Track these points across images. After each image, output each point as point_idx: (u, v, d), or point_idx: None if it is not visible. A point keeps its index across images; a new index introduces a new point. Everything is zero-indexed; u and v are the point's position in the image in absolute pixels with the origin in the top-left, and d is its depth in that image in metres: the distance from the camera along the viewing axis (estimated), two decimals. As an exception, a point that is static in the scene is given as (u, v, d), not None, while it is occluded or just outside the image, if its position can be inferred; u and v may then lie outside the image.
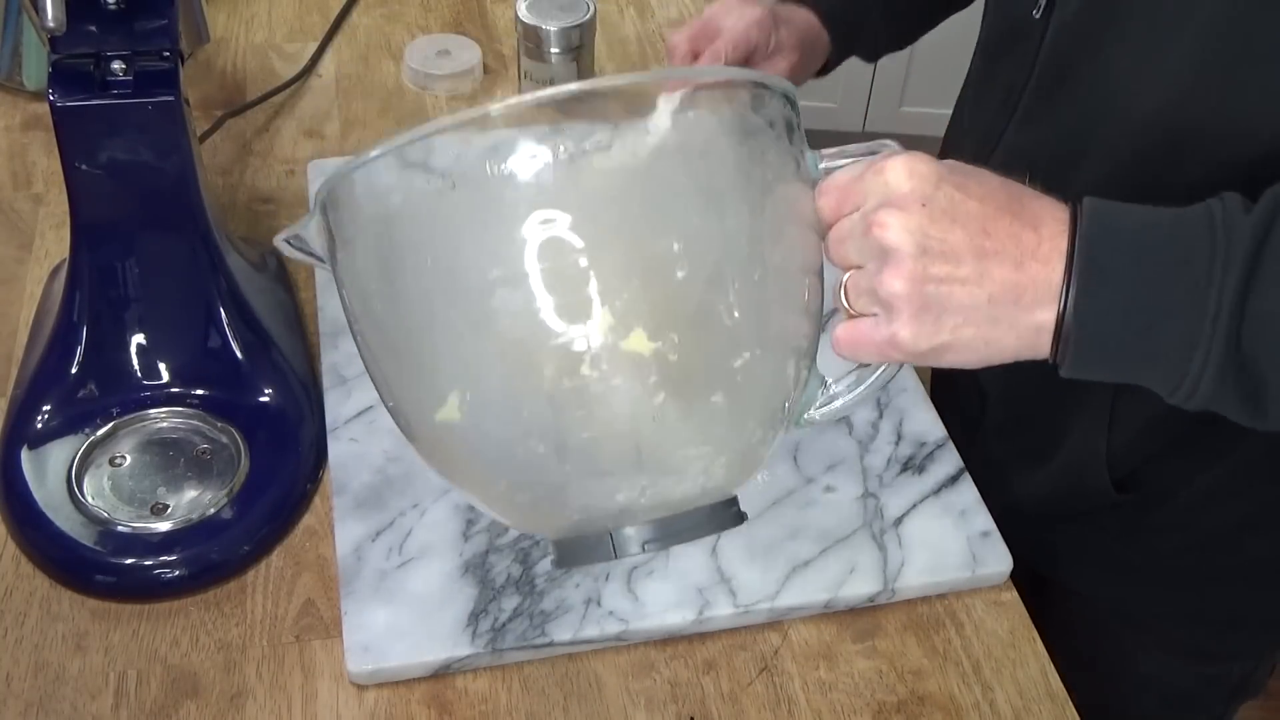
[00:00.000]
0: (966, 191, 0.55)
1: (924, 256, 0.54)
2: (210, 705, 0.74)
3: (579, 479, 0.56)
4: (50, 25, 0.72)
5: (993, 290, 0.55)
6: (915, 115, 2.42)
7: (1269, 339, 0.52)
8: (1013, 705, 0.76)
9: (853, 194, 0.57)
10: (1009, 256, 0.54)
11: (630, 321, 0.52)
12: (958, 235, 0.54)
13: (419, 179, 0.53)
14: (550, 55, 1.14)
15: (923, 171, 0.55)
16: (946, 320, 0.55)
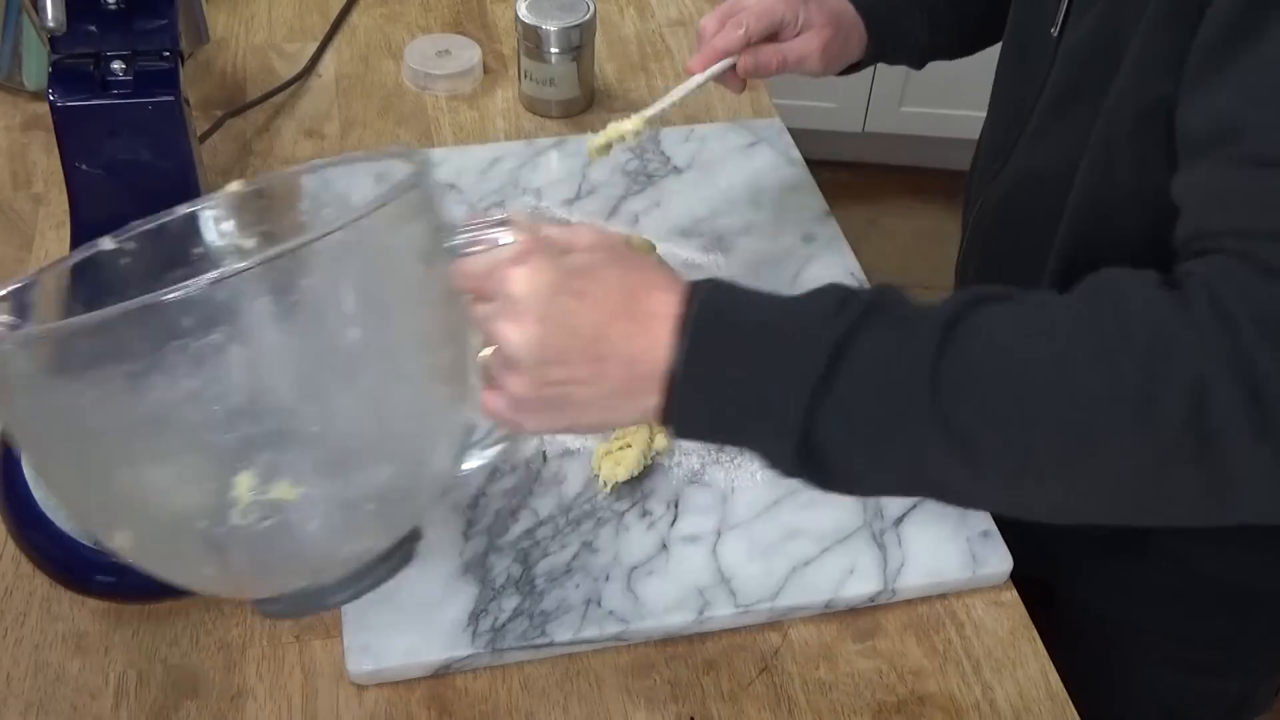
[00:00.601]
0: (582, 300, 0.59)
1: (541, 366, 0.60)
2: (210, 705, 0.74)
3: (251, 583, 0.60)
4: (50, 25, 0.72)
5: (607, 388, 0.60)
6: (915, 115, 2.42)
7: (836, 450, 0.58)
8: (1013, 705, 0.76)
9: (483, 287, 0.61)
10: (621, 359, 0.59)
11: (273, 475, 0.54)
12: (573, 344, 0.59)
13: None
14: (550, 55, 1.14)
15: (540, 284, 0.59)
16: (567, 413, 0.62)
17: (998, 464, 0.57)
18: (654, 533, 0.82)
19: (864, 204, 2.49)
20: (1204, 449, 0.54)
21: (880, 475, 0.59)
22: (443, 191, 1.03)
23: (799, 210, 1.08)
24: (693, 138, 1.15)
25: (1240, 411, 0.53)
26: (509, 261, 0.60)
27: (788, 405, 0.57)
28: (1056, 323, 0.57)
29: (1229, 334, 0.54)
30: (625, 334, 0.59)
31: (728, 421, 0.59)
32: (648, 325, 0.59)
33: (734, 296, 0.60)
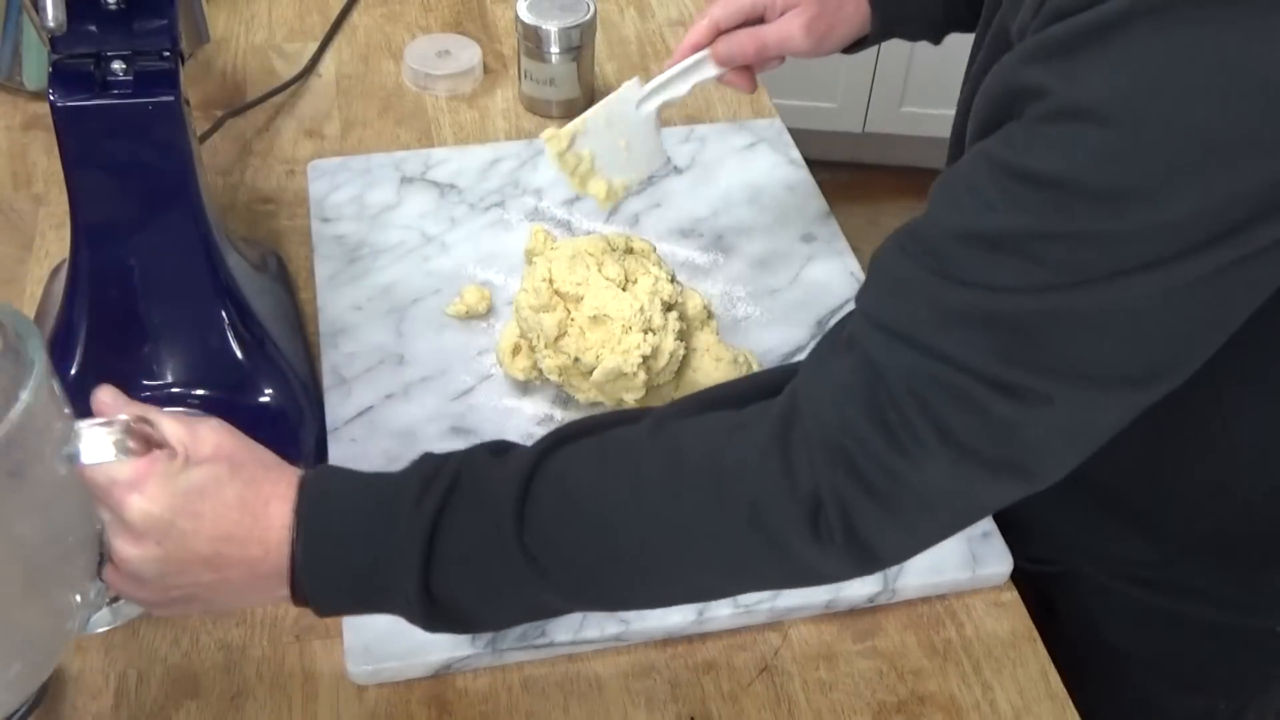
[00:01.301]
0: (200, 521, 0.62)
1: (163, 578, 0.62)
2: (210, 705, 0.74)
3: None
4: (50, 25, 0.72)
5: (233, 587, 0.64)
6: (915, 115, 2.42)
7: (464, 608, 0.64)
8: (1013, 705, 0.76)
9: (105, 500, 0.62)
10: (240, 566, 0.63)
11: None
12: (192, 559, 0.62)
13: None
14: (550, 55, 1.14)
15: (156, 512, 0.61)
16: (195, 605, 0.65)
17: (600, 594, 0.65)
18: (654, 533, 0.82)
19: (864, 204, 2.49)
20: (771, 559, 0.62)
21: (509, 615, 0.67)
22: None
23: (799, 210, 1.08)
24: (693, 138, 1.15)
25: (799, 525, 0.59)
26: (125, 485, 0.61)
27: (406, 587, 0.62)
28: (628, 460, 0.63)
29: (780, 456, 0.60)
30: (242, 547, 0.62)
31: (359, 605, 0.65)
32: (265, 535, 0.62)
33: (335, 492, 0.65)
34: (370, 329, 0.95)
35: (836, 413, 0.59)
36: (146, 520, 0.61)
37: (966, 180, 0.58)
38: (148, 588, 0.63)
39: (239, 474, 0.64)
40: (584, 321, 0.85)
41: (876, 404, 0.58)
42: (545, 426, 0.88)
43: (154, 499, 0.61)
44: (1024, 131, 0.56)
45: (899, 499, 0.59)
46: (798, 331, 0.97)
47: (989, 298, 0.56)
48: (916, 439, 0.57)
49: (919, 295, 0.58)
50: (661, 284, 0.87)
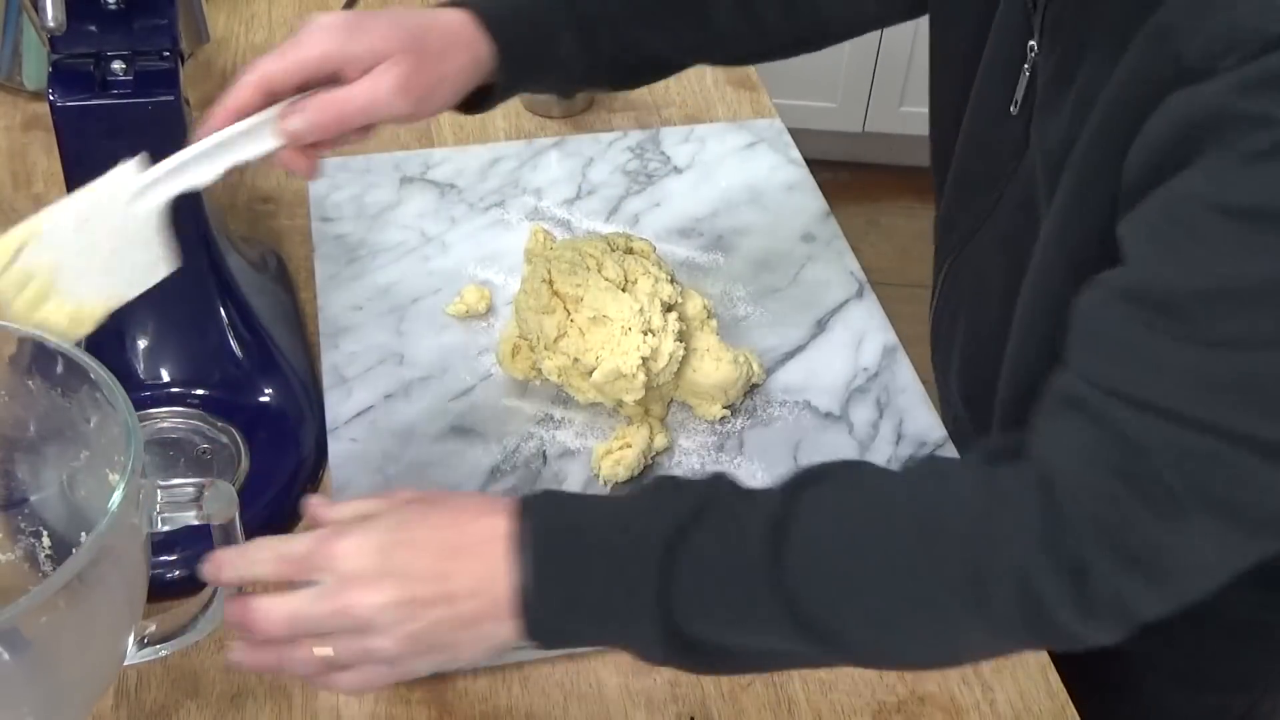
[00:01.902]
0: (416, 548, 0.60)
1: (402, 622, 0.60)
2: (210, 705, 0.74)
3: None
4: (50, 25, 0.72)
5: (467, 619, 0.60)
6: (915, 115, 2.42)
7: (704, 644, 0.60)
8: (1013, 705, 0.76)
9: (303, 570, 0.61)
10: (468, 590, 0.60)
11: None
12: (424, 591, 0.60)
13: None
14: None
15: (371, 548, 0.60)
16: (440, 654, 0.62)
17: (849, 647, 0.61)
18: (654, 533, 0.82)
19: (864, 204, 2.49)
20: (1034, 627, 0.58)
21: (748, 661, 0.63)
22: None
23: (799, 210, 1.08)
24: (693, 138, 1.15)
25: (1065, 596, 0.57)
26: (328, 539, 0.60)
27: (644, 612, 0.59)
28: (883, 516, 0.60)
29: (1052, 522, 0.57)
30: (464, 566, 0.60)
31: (589, 632, 0.62)
32: (483, 552, 0.60)
33: (567, 510, 0.62)
34: (370, 329, 0.95)
35: (1093, 486, 0.57)
36: (363, 559, 0.60)
37: (1180, 228, 0.55)
38: (392, 636, 0.60)
39: (434, 501, 0.63)
40: (583, 323, 0.85)
41: (1135, 477, 0.56)
42: (545, 426, 0.88)
43: (364, 536, 0.60)
44: (1243, 167, 0.53)
45: (1166, 569, 0.57)
46: (797, 331, 0.97)
47: (1249, 357, 0.53)
48: (1182, 511, 0.55)
49: (1166, 363, 0.55)
50: (661, 285, 0.87)
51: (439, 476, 0.85)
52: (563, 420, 0.89)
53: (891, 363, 0.94)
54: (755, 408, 0.90)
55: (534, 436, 0.88)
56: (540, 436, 0.88)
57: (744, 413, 0.90)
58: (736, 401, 0.90)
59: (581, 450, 0.87)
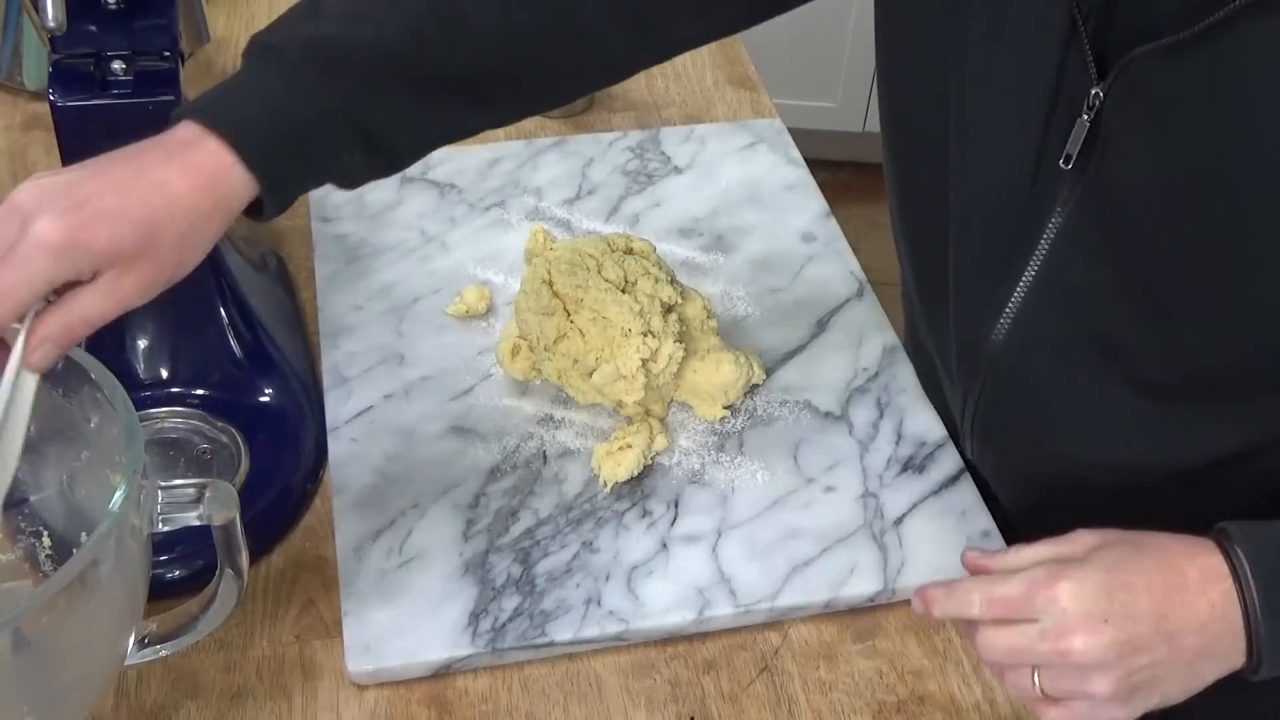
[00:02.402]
0: (1133, 591, 0.62)
1: (1124, 660, 0.62)
2: (210, 705, 0.74)
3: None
4: (50, 25, 0.72)
5: (1188, 657, 0.63)
6: (915, 115, 2.42)
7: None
8: (1013, 705, 0.76)
9: (1019, 610, 0.63)
10: (1192, 629, 0.62)
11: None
12: (1144, 631, 0.62)
13: None
14: None
15: (1090, 590, 0.62)
16: (1155, 692, 0.64)
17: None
18: (654, 533, 0.82)
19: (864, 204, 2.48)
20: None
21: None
22: None
23: (799, 210, 1.08)
24: (693, 138, 1.15)
25: None
26: (1047, 582, 0.63)
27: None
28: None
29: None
30: (1186, 604, 0.62)
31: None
32: (1204, 589, 0.62)
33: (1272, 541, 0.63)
34: (370, 329, 0.95)
35: None
36: (1084, 602, 0.62)
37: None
38: (1109, 677, 0.62)
39: (1138, 544, 0.64)
40: (583, 324, 0.85)
41: None
42: (545, 426, 0.88)
43: (1082, 579, 0.62)
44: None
45: None
46: (797, 331, 0.97)
47: None
48: None
49: None
50: (661, 286, 0.87)
51: (439, 476, 0.85)
52: (563, 420, 0.89)
53: (891, 363, 0.94)
54: (755, 408, 0.90)
55: (534, 436, 0.88)
56: (540, 436, 0.88)
57: (744, 413, 0.90)
58: (737, 401, 0.90)
59: (581, 450, 0.87)
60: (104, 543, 0.57)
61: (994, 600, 0.64)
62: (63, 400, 0.61)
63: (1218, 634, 0.62)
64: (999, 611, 0.64)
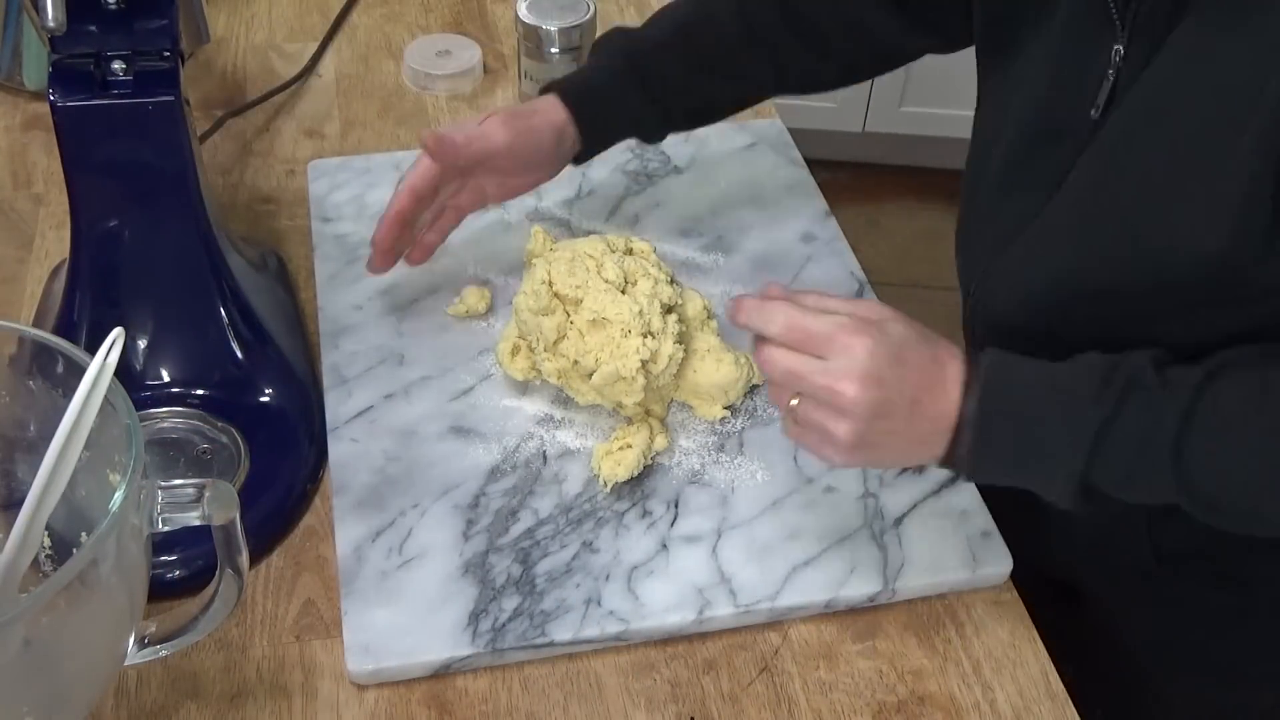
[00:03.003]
0: (906, 367, 0.70)
1: (873, 419, 0.69)
2: (210, 705, 0.74)
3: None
4: (50, 25, 0.72)
5: (912, 439, 0.71)
6: (915, 115, 2.42)
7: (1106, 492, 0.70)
8: (1013, 705, 0.76)
9: (817, 345, 0.70)
10: (929, 417, 0.70)
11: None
12: (899, 404, 0.69)
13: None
14: (550, 55, 1.14)
15: (881, 354, 0.69)
16: (872, 455, 0.72)
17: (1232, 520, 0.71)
18: (654, 533, 0.82)
19: (864, 204, 2.49)
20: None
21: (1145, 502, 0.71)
22: None
23: (799, 210, 1.08)
24: (693, 138, 1.15)
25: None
26: (849, 330, 0.69)
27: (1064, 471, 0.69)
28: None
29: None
30: (934, 396, 0.70)
31: (1009, 475, 0.71)
32: (948, 389, 0.70)
33: (1011, 371, 0.70)
34: (370, 329, 0.95)
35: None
36: (873, 361, 0.69)
37: None
38: (854, 428, 0.69)
39: (929, 336, 0.72)
40: (583, 325, 0.85)
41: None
42: (545, 426, 0.88)
43: (878, 341, 0.69)
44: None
45: None
46: (798, 331, 0.96)
47: None
48: None
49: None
50: (661, 286, 0.87)
51: (439, 476, 0.85)
52: (563, 420, 0.89)
53: (891, 363, 0.94)
54: (755, 408, 0.90)
55: (534, 436, 0.88)
56: (540, 436, 0.88)
57: (744, 413, 0.90)
58: (737, 402, 0.90)
59: (581, 450, 0.87)
60: (104, 543, 0.56)
61: (795, 328, 0.70)
62: (62, 400, 0.61)
63: (941, 430, 0.70)
64: (796, 339, 0.70)
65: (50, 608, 0.55)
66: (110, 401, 0.61)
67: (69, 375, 0.62)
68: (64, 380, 0.63)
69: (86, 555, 0.55)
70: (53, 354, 0.63)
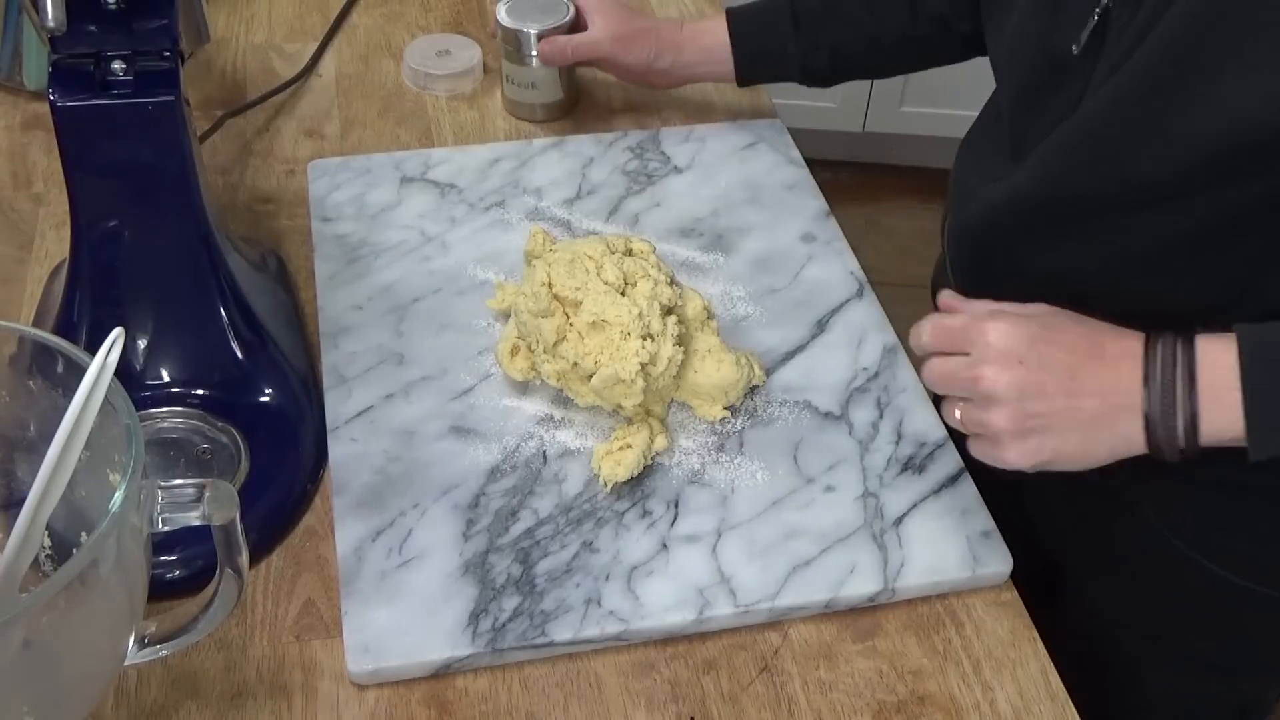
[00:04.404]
0: (1055, 345, 0.68)
1: (1022, 400, 0.68)
2: (210, 705, 0.74)
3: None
4: (50, 25, 0.72)
5: (1084, 418, 0.68)
6: (915, 115, 2.42)
7: None
8: (1013, 705, 0.76)
9: (956, 342, 0.70)
10: (1094, 393, 0.68)
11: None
12: (1050, 380, 0.68)
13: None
14: (529, 59, 1.13)
15: (1018, 333, 0.68)
16: (1048, 441, 0.69)
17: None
18: (654, 533, 0.82)
19: (864, 204, 2.49)
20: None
21: None
22: None
23: (799, 210, 1.08)
24: (693, 138, 1.15)
25: None
26: (983, 319, 0.69)
27: None
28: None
29: None
30: (1095, 372, 0.68)
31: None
32: (1116, 365, 0.68)
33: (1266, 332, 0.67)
34: (370, 329, 0.95)
35: None
36: (1008, 341, 0.68)
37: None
38: (1005, 411, 0.68)
39: (1084, 319, 0.71)
40: (582, 327, 0.85)
41: None
42: (545, 426, 0.88)
43: (1015, 323, 0.69)
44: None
45: None
46: (797, 331, 0.97)
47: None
48: None
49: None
50: (660, 288, 0.87)
51: (439, 476, 0.85)
52: (563, 420, 0.89)
53: (891, 363, 0.94)
54: (755, 408, 0.90)
55: (534, 436, 0.88)
56: (540, 436, 0.88)
57: (744, 413, 0.90)
58: (737, 402, 0.90)
59: (581, 450, 0.87)
60: (104, 543, 0.56)
61: (939, 329, 0.71)
62: (62, 400, 0.61)
63: (1116, 405, 0.67)
64: (942, 341, 0.71)
65: (50, 608, 0.55)
66: (110, 401, 0.61)
67: (69, 375, 0.62)
68: (64, 380, 0.63)
69: (86, 555, 0.55)
70: (53, 354, 0.63)
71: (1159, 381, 0.67)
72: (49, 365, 0.63)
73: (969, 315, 0.70)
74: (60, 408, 0.60)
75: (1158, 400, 0.67)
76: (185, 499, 0.62)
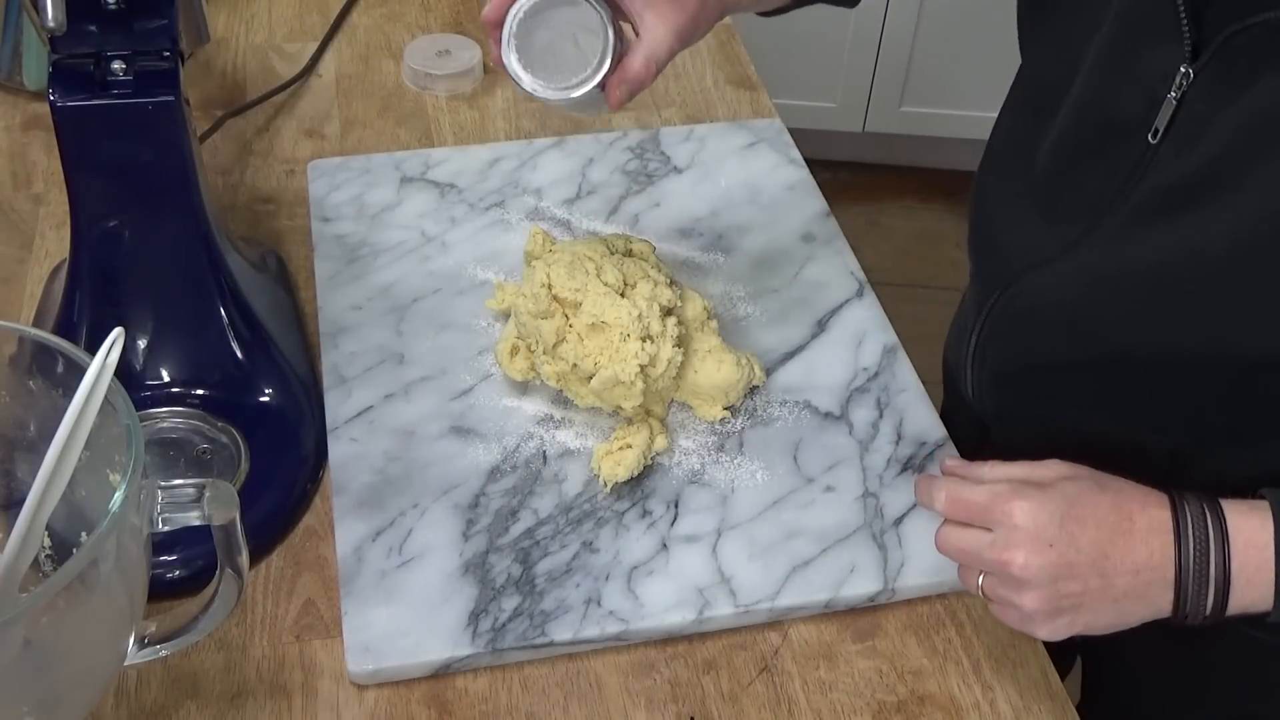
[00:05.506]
0: (1083, 524, 0.66)
1: (1055, 583, 0.67)
2: (210, 705, 0.74)
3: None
4: (50, 25, 0.72)
5: (1117, 595, 0.67)
6: (915, 115, 2.42)
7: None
8: (1013, 705, 0.76)
9: (978, 517, 0.69)
10: (1127, 571, 0.67)
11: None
12: (1081, 562, 0.66)
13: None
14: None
15: (1045, 514, 0.66)
16: (1080, 618, 0.68)
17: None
18: (654, 533, 0.82)
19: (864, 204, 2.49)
20: None
21: None
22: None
23: (799, 210, 1.08)
24: (693, 138, 1.15)
25: None
26: (1007, 497, 0.67)
27: None
28: None
29: None
30: (1127, 549, 0.66)
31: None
32: (1147, 540, 0.67)
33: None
34: (370, 329, 0.95)
35: None
36: (1036, 521, 0.66)
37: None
38: (1038, 594, 0.67)
39: (1103, 485, 0.68)
40: (582, 328, 0.85)
41: None
42: (545, 426, 0.88)
43: (1041, 502, 0.67)
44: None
45: None
46: (797, 331, 0.97)
47: None
48: None
49: None
50: (660, 289, 0.87)
51: (439, 476, 0.85)
52: (563, 420, 0.89)
53: (891, 363, 0.94)
54: (755, 408, 0.90)
55: (534, 436, 0.88)
56: (540, 436, 0.88)
57: (744, 413, 0.90)
58: (737, 402, 0.90)
59: (581, 450, 0.87)
60: (104, 543, 0.56)
61: (957, 502, 0.69)
62: (62, 400, 0.61)
63: (1149, 581, 0.66)
64: (960, 514, 0.69)
65: (50, 608, 0.55)
66: (110, 401, 0.61)
67: (69, 375, 0.62)
68: (64, 380, 0.63)
69: (86, 555, 0.55)
70: (53, 354, 0.63)
71: (1191, 560, 0.66)
72: (49, 365, 0.64)
73: (989, 491, 0.68)
74: (60, 408, 0.60)
75: (1190, 580, 0.66)
76: (185, 499, 0.62)
